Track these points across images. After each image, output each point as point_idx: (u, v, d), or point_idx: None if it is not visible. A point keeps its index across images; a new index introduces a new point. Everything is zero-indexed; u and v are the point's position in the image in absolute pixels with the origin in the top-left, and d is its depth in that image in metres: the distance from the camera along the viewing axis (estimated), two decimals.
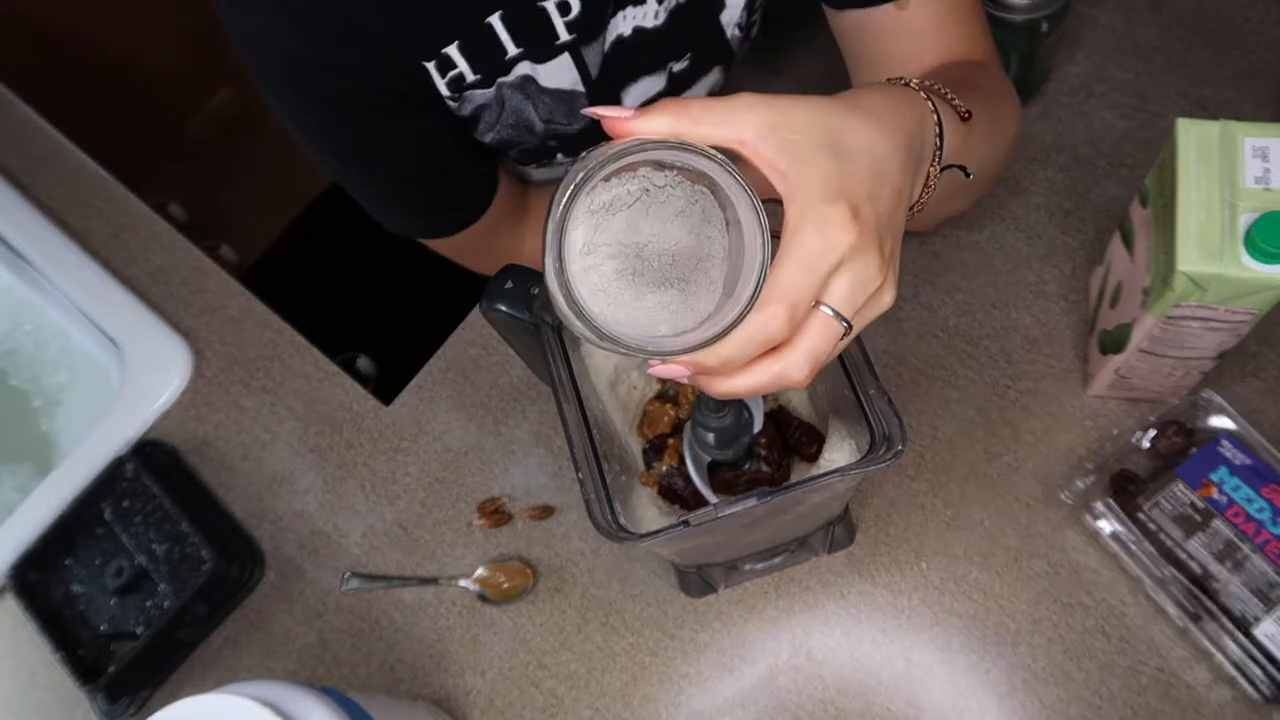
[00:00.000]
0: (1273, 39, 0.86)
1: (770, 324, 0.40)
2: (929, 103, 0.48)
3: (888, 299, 0.43)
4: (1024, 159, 0.85)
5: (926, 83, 0.50)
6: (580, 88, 0.70)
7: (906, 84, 0.49)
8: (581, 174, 0.38)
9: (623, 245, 0.41)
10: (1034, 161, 0.85)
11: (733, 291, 0.41)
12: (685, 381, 0.43)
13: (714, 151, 0.39)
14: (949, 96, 0.52)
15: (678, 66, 0.74)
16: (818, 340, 0.41)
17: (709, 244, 0.42)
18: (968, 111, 0.53)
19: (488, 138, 0.72)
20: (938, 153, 0.49)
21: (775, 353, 0.41)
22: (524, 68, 0.67)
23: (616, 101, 0.73)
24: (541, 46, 0.66)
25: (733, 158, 0.39)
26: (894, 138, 0.43)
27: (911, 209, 0.48)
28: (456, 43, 0.63)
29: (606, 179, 0.40)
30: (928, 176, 0.48)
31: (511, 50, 0.65)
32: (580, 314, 0.39)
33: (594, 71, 0.69)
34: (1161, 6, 0.89)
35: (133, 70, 1.52)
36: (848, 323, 0.42)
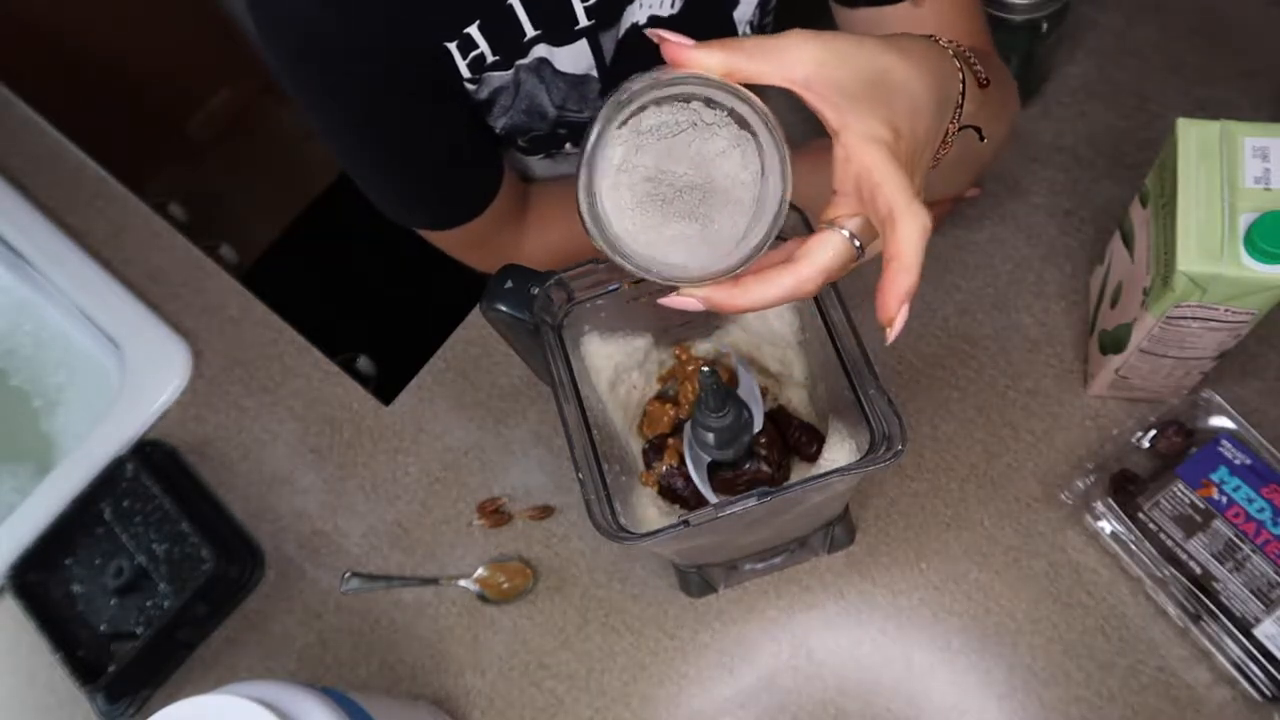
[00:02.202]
0: (1273, 39, 0.86)
1: (806, 274, 0.43)
2: (955, 61, 0.51)
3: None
4: (1024, 159, 0.86)
5: (955, 45, 0.52)
6: (594, 73, 0.71)
7: (936, 40, 0.51)
8: (629, 91, 0.39)
9: (660, 170, 0.42)
10: (1034, 161, 0.85)
11: (752, 239, 0.43)
12: (700, 309, 0.44)
13: (756, 101, 0.40)
14: (972, 61, 0.54)
15: None
16: (832, 259, 0.43)
17: (741, 189, 0.43)
18: (986, 79, 0.54)
19: (500, 123, 0.73)
20: (958, 110, 0.50)
21: (789, 266, 0.42)
22: (541, 50, 0.68)
23: None
24: (560, 30, 0.67)
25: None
26: (929, 80, 0.45)
27: (928, 168, 0.49)
28: (478, 22, 0.64)
29: (659, 103, 0.41)
30: (947, 133, 0.50)
31: (530, 32, 0.66)
32: (599, 224, 0.41)
33: (609, 58, 0.70)
34: (1161, 6, 0.89)
35: (133, 70, 1.52)
36: (861, 246, 0.43)
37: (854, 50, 0.43)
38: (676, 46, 0.41)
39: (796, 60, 0.41)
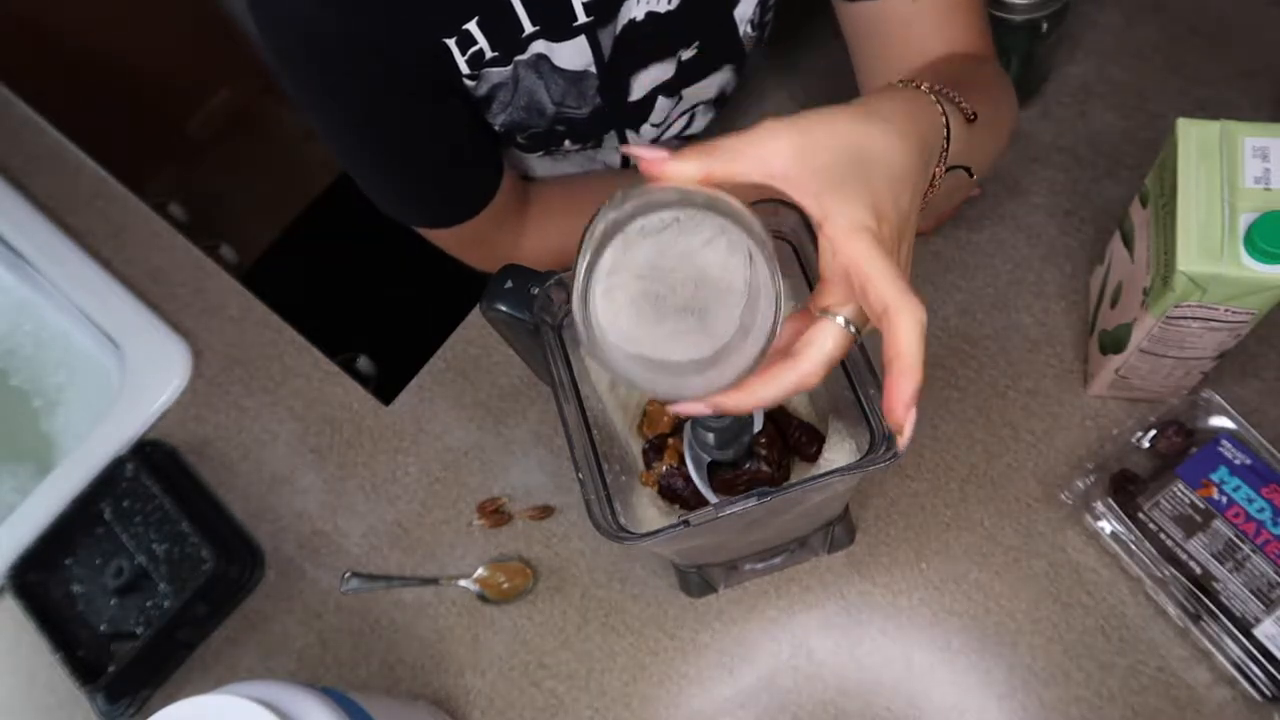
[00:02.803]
0: (1273, 39, 0.86)
1: (810, 366, 0.43)
2: (938, 105, 0.50)
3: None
4: (1024, 159, 0.86)
5: (936, 86, 0.51)
6: (593, 69, 0.71)
7: (917, 87, 0.50)
8: (613, 220, 0.39)
9: (650, 268, 0.41)
10: (1034, 161, 0.85)
11: (749, 327, 0.42)
12: (708, 412, 0.45)
13: (739, 209, 0.40)
14: (956, 99, 0.53)
15: (686, 54, 0.74)
16: (831, 348, 0.43)
17: (731, 275, 0.42)
18: (973, 114, 0.54)
19: (499, 119, 0.73)
20: (944, 154, 0.50)
21: (791, 362, 0.43)
22: (539, 46, 0.68)
23: (625, 88, 0.74)
24: (558, 26, 0.67)
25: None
26: (910, 143, 0.45)
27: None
28: (476, 18, 0.64)
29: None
30: (933, 176, 0.50)
31: (529, 28, 0.66)
32: (593, 337, 0.41)
33: (606, 54, 0.70)
34: (1161, 6, 0.89)
35: (133, 70, 1.52)
36: (858, 329, 0.43)
37: (827, 133, 0.42)
38: (653, 163, 0.41)
39: (772, 154, 0.41)
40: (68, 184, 1.03)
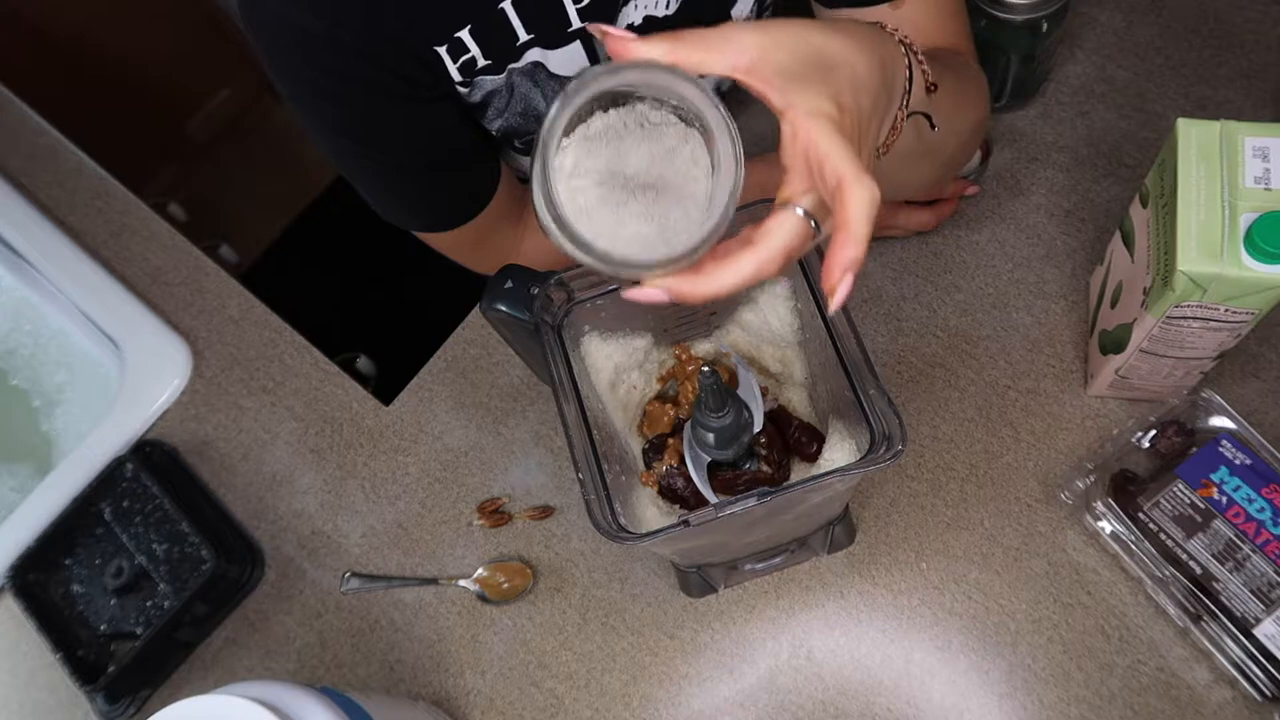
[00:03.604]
0: (1273, 39, 0.86)
1: (769, 252, 0.42)
2: (901, 47, 0.51)
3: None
4: (1024, 159, 0.86)
5: (904, 39, 0.52)
6: None
7: (883, 28, 0.52)
8: (576, 85, 0.39)
9: (610, 173, 0.42)
10: (1034, 161, 0.85)
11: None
12: (665, 300, 0.44)
13: (700, 81, 0.41)
14: (920, 59, 0.54)
15: None
16: (790, 237, 0.43)
17: (693, 184, 0.43)
18: (933, 84, 0.55)
19: (495, 125, 0.73)
20: (906, 95, 0.51)
21: (749, 248, 0.42)
22: (535, 54, 0.68)
23: None
24: (553, 33, 0.67)
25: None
26: (870, 59, 0.46)
27: (878, 151, 0.50)
28: (469, 27, 0.64)
29: (605, 109, 0.41)
30: (895, 119, 0.50)
31: (523, 36, 0.66)
32: (559, 220, 0.40)
33: (603, 59, 0.70)
34: (1161, 6, 0.89)
35: (133, 70, 1.52)
36: (817, 224, 0.43)
37: (793, 34, 0.43)
38: (620, 40, 0.42)
39: (739, 48, 0.42)
40: (68, 184, 1.03)
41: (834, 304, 0.43)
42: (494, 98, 0.70)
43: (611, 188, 0.42)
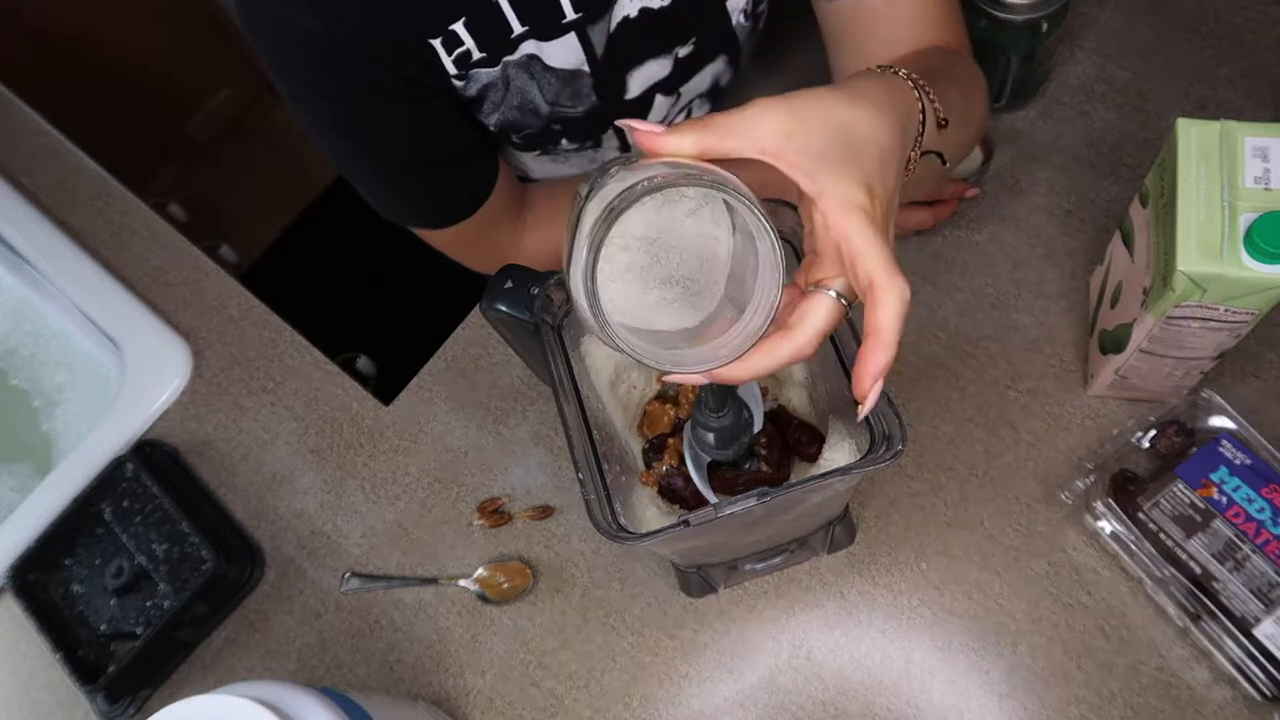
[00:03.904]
0: (1273, 39, 0.86)
1: (804, 340, 0.43)
2: (915, 92, 0.51)
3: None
4: (1024, 159, 0.86)
5: (913, 75, 0.53)
6: (585, 68, 0.71)
7: (895, 72, 0.52)
8: (619, 201, 0.39)
9: (634, 239, 0.42)
10: (1034, 161, 0.85)
11: (737, 297, 0.42)
12: (704, 381, 0.45)
13: (743, 189, 0.40)
14: (932, 98, 0.54)
15: (683, 51, 0.75)
16: (824, 321, 0.43)
17: (716, 245, 0.43)
18: (944, 120, 0.55)
19: (492, 119, 0.73)
20: (919, 138, 0.52)
21: (787, 335, 0.43)
22: (529, 46, 0.68)
23: (622, 85, 0.74)
24: (547, 24, 0.67)
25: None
26: (892, 119, 0.46)
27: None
28: (463, 19, 0.64)
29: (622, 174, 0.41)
30: (909, 161, 0.51)
31: (517, 28, 0.66)
32: (598, 314, 0.40)
33: (599, 51, 0.70)
34: (1161, 6, 0.89)
35: (133, 71, 1.52)
36: (849, 303, 0.44)
37: (818, 111, 0.43)
38: (648, 135, 0.42)
39: (766, 133, 0.42)
40: (68, 184, 1.03)
41: (864, 410, 0.44)
42: (490, 91, 0.70)
43: (633, 252, 0.42)
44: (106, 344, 0.95)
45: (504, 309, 0.62)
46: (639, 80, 0.74)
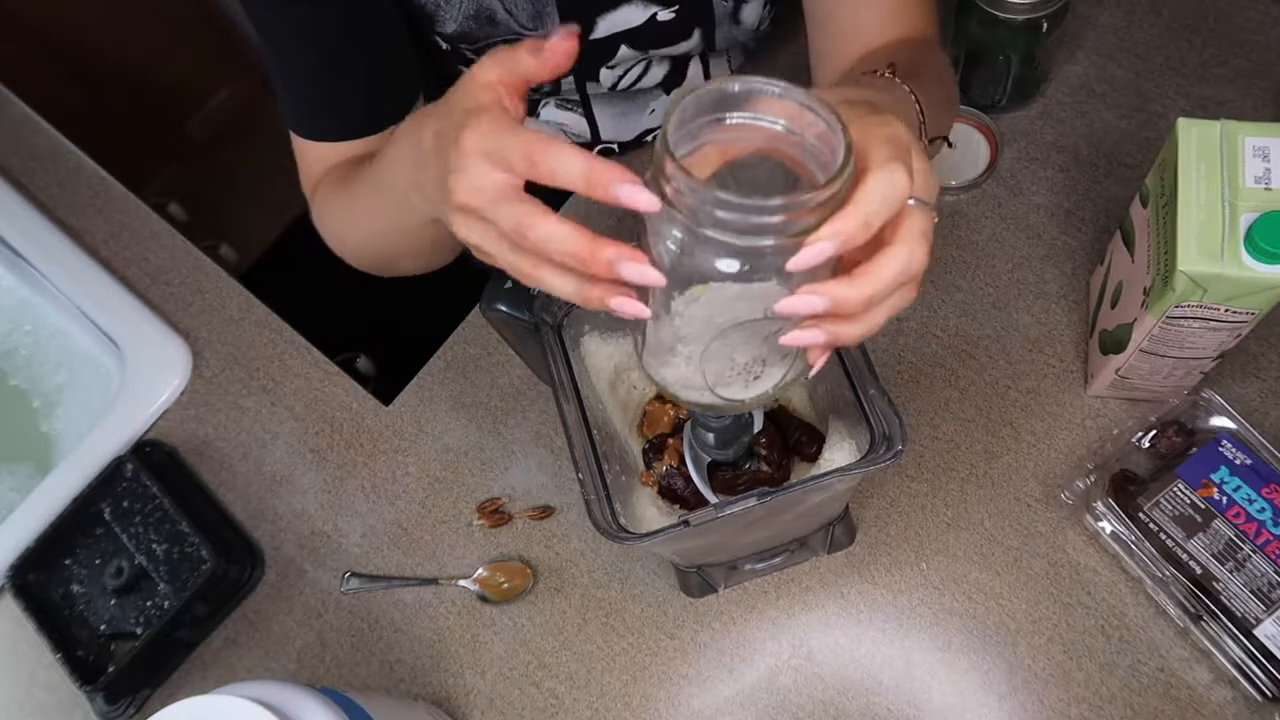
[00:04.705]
0: (1273, 39, 0.86)
1: (897, 177, 0.40)
2: (911, 95, 0.55)
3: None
4: (1024, 159, 0.86)
5: (915, 95, 0.55)
6: None
7: (889, 76, 0.55)
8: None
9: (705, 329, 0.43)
10: (1034, 161, 0.85)
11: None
12: (820, 338, 0.42)
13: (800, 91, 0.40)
14: (923, 120, 0.56)
15: (664, 15, 0.75)
16: (919, 222, 0.41)
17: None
18: (932, 138, 0.58)
19: (450, 29, 0.71)
20: (923, 128, 0.55)
21: (887, 251, 0.41)
22: None
23: (589, 22, 0.73)
24: None
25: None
26: (905, 124, 0.47)
27: None
28: None
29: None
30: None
31: None
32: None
33: None
34: (1161, 6, 0.89)
35: (132, 71, 1.52)
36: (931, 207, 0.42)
37: (835, 96, 0.43)
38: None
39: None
40: (68, 184, 1.03)
41: (802, 259, 0.39)
42: None
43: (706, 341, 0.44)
44: (106, 344, 0.95)
45: (504, 309, 0.62)
46: (609, 23, 0.74)
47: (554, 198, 0.46)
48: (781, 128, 0.39)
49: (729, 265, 0.39)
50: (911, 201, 0.41)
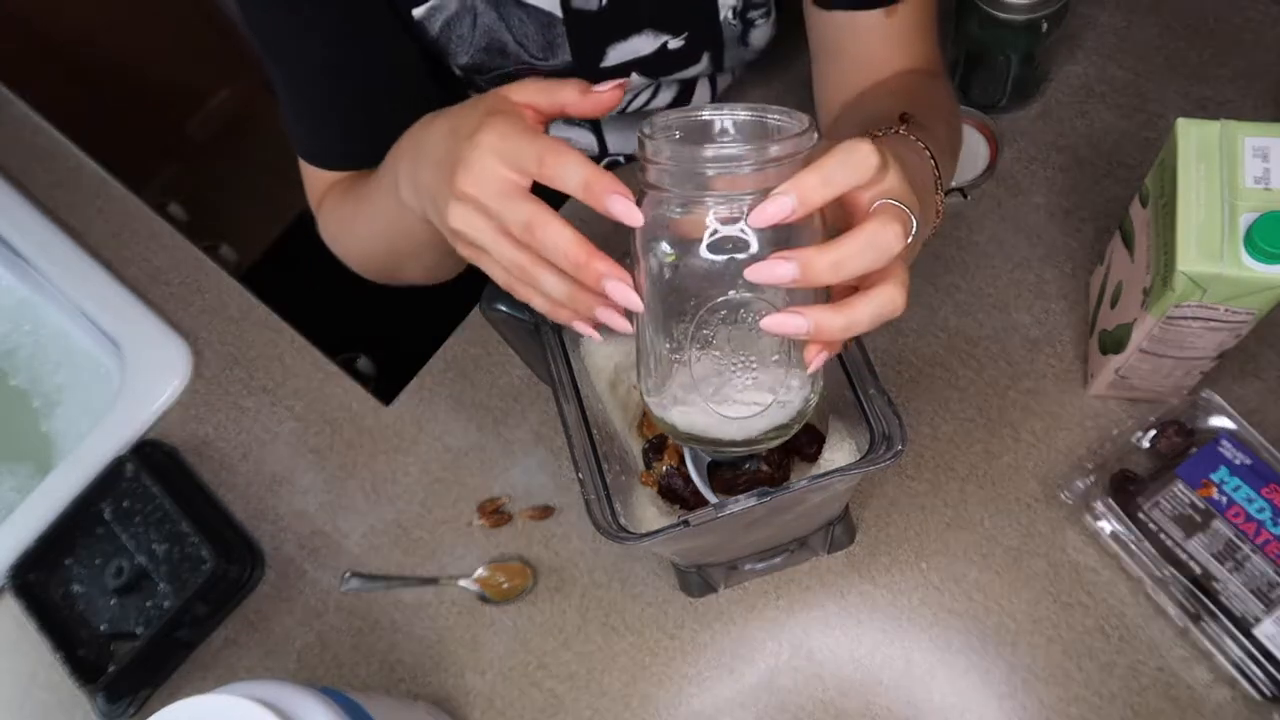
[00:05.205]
0: (1273, 39, 0.86)
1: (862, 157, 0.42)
2: (926, 150, 0.56)
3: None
4: (1024, 159, 0.86)
5: (914, 136, 0.57)
6: (558, 12, 0.69)
7: (901, 132, 0.56)
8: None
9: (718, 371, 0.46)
10: (1034, 161, 0.85)
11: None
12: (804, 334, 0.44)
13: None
14: (938, 172, 0.58)
15: (674, 44, 0.75)
16: (890, 218, 0.42)
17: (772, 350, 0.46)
18: (946, 186, 0.59)
19: (461, 61, 0.71)
20: (939, 182, 0.56)
21: (863, 229, 0.42)
22: None
23: (600, 51, 0.73)
24: None
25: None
26: (914, 184, 0.48)
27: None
28: None
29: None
30: (936, 204, 0.56)
31: None
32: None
33: (578, 3, 0.69)
34: (1161, 6, 0.89)
35: (133, 70, 1.52)
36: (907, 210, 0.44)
37: None
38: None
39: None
40: (68, 184, 1.03)
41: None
42: (455, 25, 0.68)
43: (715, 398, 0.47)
44: (106, 344, 0.95)
45: (504, 309, 0.62)
46: (620, 52, 0.74)
47: (554, 198, 0.46)
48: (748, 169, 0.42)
49: (716, 255, 0.42)
50: (883, 201, 0.44)
